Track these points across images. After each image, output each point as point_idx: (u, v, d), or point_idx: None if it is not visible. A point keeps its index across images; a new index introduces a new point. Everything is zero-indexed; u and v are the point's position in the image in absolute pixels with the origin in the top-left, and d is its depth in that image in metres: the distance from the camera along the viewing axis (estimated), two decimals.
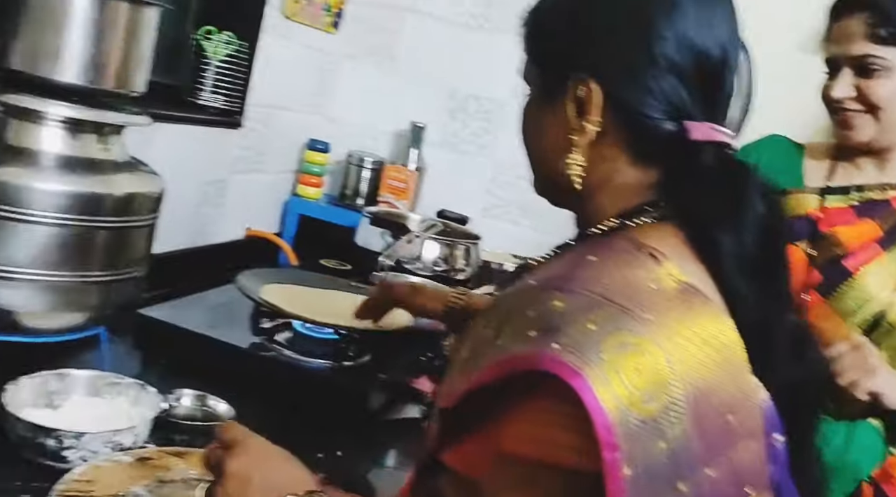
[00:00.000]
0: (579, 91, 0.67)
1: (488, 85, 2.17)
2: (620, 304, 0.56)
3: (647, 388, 0.53)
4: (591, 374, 0.52)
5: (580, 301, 0.56)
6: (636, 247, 0.62)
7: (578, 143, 0.68)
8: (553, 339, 0.54)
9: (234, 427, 0.73)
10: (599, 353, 0.53)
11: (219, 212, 1.87)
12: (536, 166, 0.75)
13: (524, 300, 0.60)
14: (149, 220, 1.08)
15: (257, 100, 1.87)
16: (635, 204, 0.68)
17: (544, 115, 0.71)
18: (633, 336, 0.55)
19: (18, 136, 0.97)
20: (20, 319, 0.97)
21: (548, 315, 0.56)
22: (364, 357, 1.35)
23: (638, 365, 0.54)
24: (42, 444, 0.89)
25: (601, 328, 0.54)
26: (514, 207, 2.19)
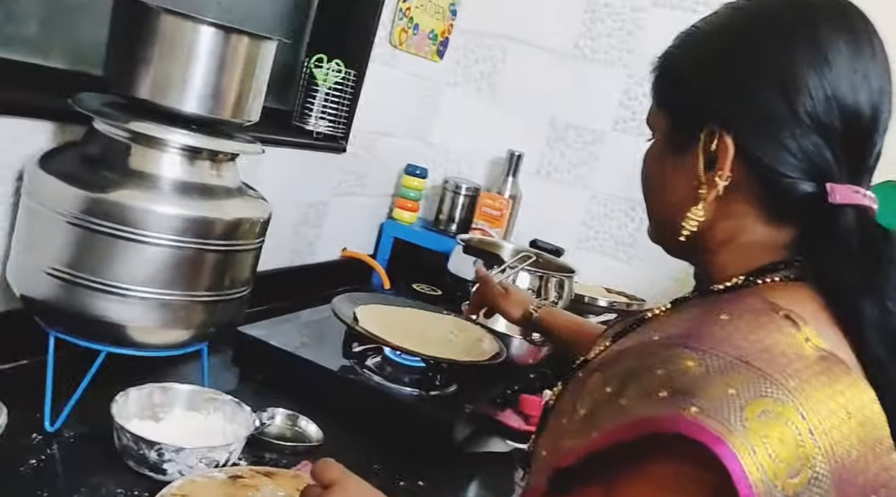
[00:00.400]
0: (711, 143, 0.64)
1: (588, 115, 2.15)
2: (759, 368, 0.53)
3: (791, 461, 0.51)
4: (735, 441, 0.49)
5: (715, 362, 0.54)
6: (772, 308, 0.59)
7: (705, 196, 0.65)
8: (689, 402, 0.52)
9: (331, 466, 0.72)
10: (743, 420, 0.50)
11: (317, 233, 1.92)
12: (654, 215, 0.73)
13: (650, 358, 0.57)
14: (256, 244, 1.12)
15: (361, 125, 1.92)
16: (764, 262, 0.65)
17: (669, 164, 0.69)
18: (776, 404, 0.52)
19: (140, 161, 1.02)
20: (131, 334, 1.02)
21: (679, 375, 0.54)
22: (451, 387, 1.35)
23: (782, 435, 0.51)
24: (144, 455, 0.93)
25: (741, 393, 0.52)
26: (609, 240, 2.16)
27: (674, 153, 0.68)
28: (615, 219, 2.15)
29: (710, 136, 0.65)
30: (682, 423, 0.51)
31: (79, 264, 0.98)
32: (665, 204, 0.70)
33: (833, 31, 0.62)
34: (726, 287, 0.65)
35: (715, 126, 0.64)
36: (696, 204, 0.66)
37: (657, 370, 0.55)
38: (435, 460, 1.23)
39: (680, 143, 0.68)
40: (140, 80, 1.02)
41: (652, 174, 0.72)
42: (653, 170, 0.72)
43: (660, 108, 0.71)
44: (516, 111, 2.23)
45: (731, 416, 0.50)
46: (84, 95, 1.07)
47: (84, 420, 1.04)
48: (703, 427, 0.50)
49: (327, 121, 1.79)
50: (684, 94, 0.68)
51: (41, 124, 1.11)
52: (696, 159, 0.66)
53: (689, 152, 0.66)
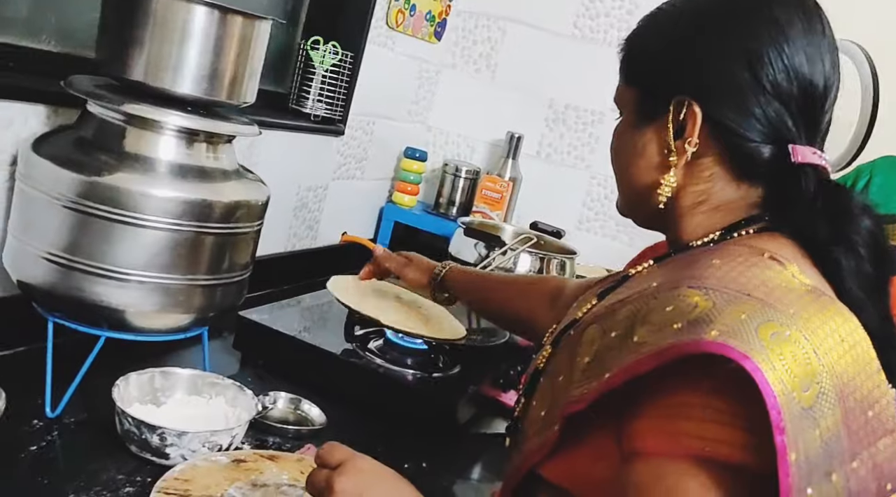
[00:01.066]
0: (680, 113, 0.69)
1: (588, 96, 2.13)
2: (761, 298, 0.57)
3: (802, 376, 0.54)
4: (758, 357, 0.52)
5: (720, 297, 0.57)
6: (757, 252, 0.63)
7: (675, 163, 0.70)
8: (708, 327, 0.54)
9: (338, 448, 0.71)
10: (760, 340, 0.53)
11: (316, 217, 1.91)
12: (626, 187, 0.76)
13: (655, 300, 0.60)
14: (255, 227, 1.11)
15: (359, 108, 1.90)
16: (739, 218, 0.69)
17: (639, 137, 0.73)
18: (782, 327, 0.55)
19: (136, 144, 1.01)
20: (130, 318, 1.01)
21: (690, 309, 0.56)
22: (454, 369, 1.35)
23: (793, 353, 0.54)
24: (147, 440, 0.93)
25: (751, 318, 0.55)
26: (610, 221, 2.15)
27: (643, 126, 0.72)
28: (615, 199, 2.13)
29: (678, 106, 0.69)
30: (707, 344, 0.53)
31: (76, 249, 0.97)
32: (637, 175, 0.73)
33: (788, 10, 0.68)
34: (704, 242, 0.70)
35: (684, 96, 0.68)
36: (668, 171, 0.70)
37: (666, 307, 0.58)
38: (438, 442, 1.22)
39: (649, 115, 0.71)
40: (133, 62, 1.00)
41: (623, 148, 0.75)
42: (623, 143, 0.75)
43: (628, 84, 0.75)
44: (515, 92, 2.21)
45: (748, 337, 0.53)
46: (77, 78, 1.05)
47: (85, 406, 1.03)
48: (728, 346, 0.52)
49: (325, 104, 1.77)
50: (654, 69, 0.72)
51: (34, 108, 1.09)
52: (666, 129, 0.70)
53: (659, 123, 0.71)
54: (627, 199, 0.78)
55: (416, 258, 1.30)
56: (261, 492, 0.88)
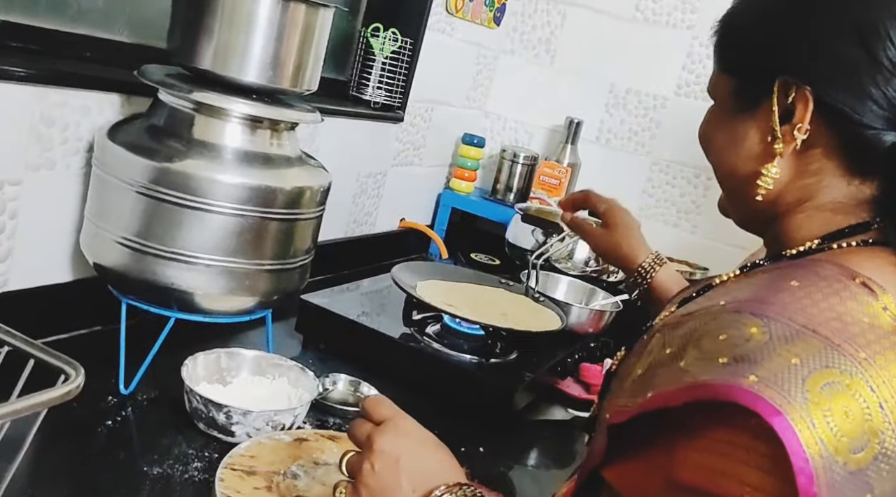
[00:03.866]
0: (788, 96, 0.62)
1: (649, 80, 2.09)
2: (827, 337, 0.51)
3: (856, 436, 0.48)
4: (794, 414, 0.47)
5: (781, 330, 0.52)
6: (847, 275, 0.56)
7: (781, 151, 0.63)
8: (749, 371, 0.49)
9: (384, 403, 0.71)
10: (805, 392, 0.48)
11: (375, 203, 1.93)
12: (727, 179, 0.70)
13: (712, 322, 0.56)
14: (317, 213, 1.13)
15: (418, 95, 1.91)
16: (843, 224, 0.62)
17: (739, 124, 0.66)
18: (842, 375, 0.49)
19: (204, 131, 1.04)
20: (198, 300, 1.05)
21: (742, 342, 0.52)
22: (511, 355, 1.35)
23: (847, 408, 0.48)
24: (214, 418, 0.96)
25: (806, 363, 0.49)
26: (672, 208, 2.11)
27: (742, 112, 0.66)
28: (678, 186, 2.09)
29: (784, 87, 0.62)
30: (738, 392, 0.49)
31: (147, 233, 1.01)
32: (736, 164, 0.67)
33: None
34: (799, 252, 0.63)
35: (791, 78, 0.61)
36: (772, 161, 0.64)
37: (720, 335, 0.53)
38: (495, 427, 1.23)
39: (749, 100, 0.65)
40: (202, 51, 1.03)
41: (719, 139, 0.69)
42: (719, 134, 0.69)
43: (723, 71, 0.69)
44: (575, 77, 2.19)
45: (791, 388, 0.48)
46: (148, 67, 1.09)
47: (156, 384, 1.07)
48: (760, 397, 0.48)
49: (384, 91, 1.79)
50: (753, 50, 0.65)
51: (108, 97, 1.13)
52: (770, 113, 0.63)
53: (761, 107, 0.64)
54: (727, 192, 0.72)
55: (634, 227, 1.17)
56: (322, 470, 0.91)
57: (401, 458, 0.66)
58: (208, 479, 0.90)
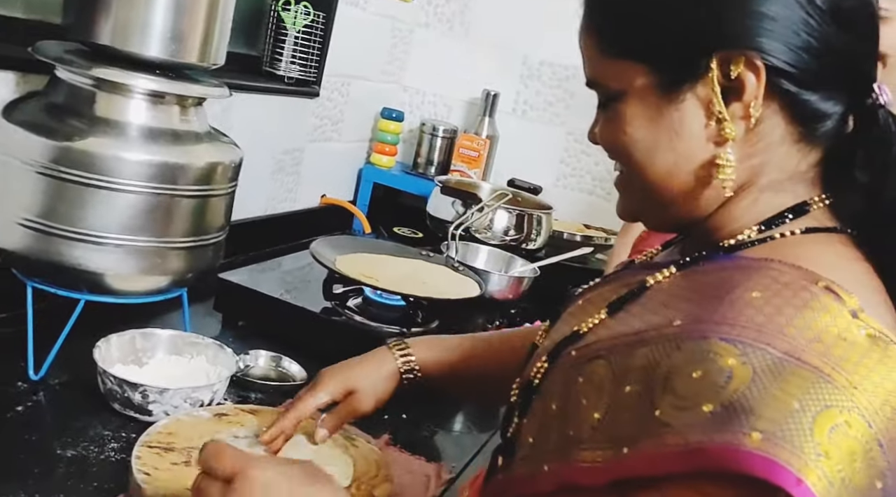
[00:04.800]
0: (730, 69, 0.54)
1: (562, 52, 2.13)
2: (817, 367, 0.45)
3: (864, 486, 0.43)
4: (813, 477, 0.41)
5: (761, 360, 0.45)
6: (808, 278, 0.50)
7: (734, 133, 0.55)
8: (749, 424, 0.43)
9: (226, 453, 0.57)
10: (816, 445, 0.42)
11: (294, 180, 1.92)
12: (657, 186, 0.59)
13: (678, 354, 0.48)
14: (229, 189, 1.12)
15: (333, 69, 1.90)
16: (781, 206, 0.56)
17: (666, 117, 0.56)
18: (842, 413, 0.43)
19: (106, 109, 1.02)
20: (109, 281, 1.03)
21: (723, 381, 0.45)
22: (432, 324, 1.38)
23: (852, 452, 0.43)
24: (129, 398, 0.95)
25: (806, 406, 0.43)
26: (587, 176, 2.17)
27: (669, 100, 0.56)
28: (592, 155, 2.15)
29: (724, 62, 0.54)
30: (746, 457, 0.42)
31: (52, 214, 0.98)
32: (678, 163, 0.57)
33: None
34: (738, 242, 0.56)
35: (730, 49, 0.54)
36: (722, 147, 0.55)
37: (692, 372, 0.46)
38: (418, 394, 1.25)
39: (677, 84, 0.56)
40: (101, 26, 1.00)
41: (643, 139, 0.58)
42: (643, 130, 0.58)
43: (624, 57, 0.58)
44: (490, 50, 2.21)
45: (803, 442, 0.42)
46: (44, 43, 1.05)
47: (67, 368, 1.05)
48: (774, 462, 0.41)
49: (298, 66, 1.77)
50: (674, 27, 0.56)
51: (2, 75, 1.09)
52: (708, 94, 0.55)
53: (695, 90, 0.55)
54: (656, 198, 0.60)
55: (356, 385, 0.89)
56: (243, 442, 0.91)
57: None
58: (125, 458, 0.90)
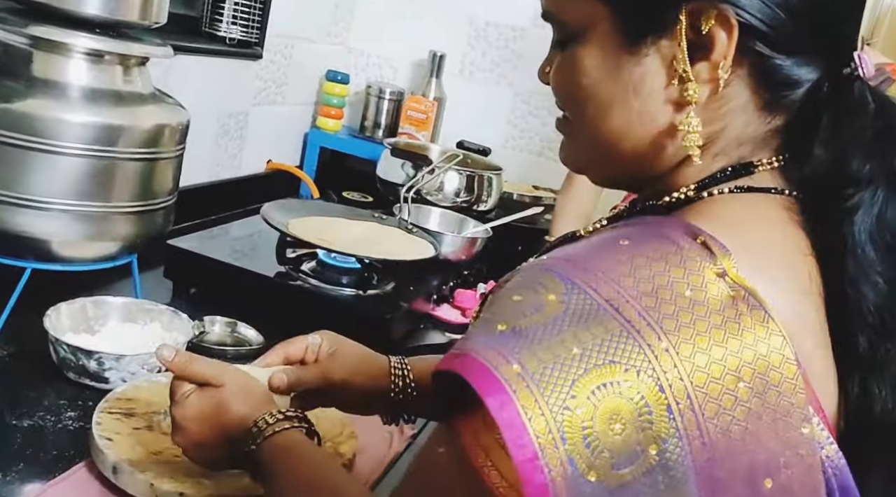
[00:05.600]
0: (700, 24, 0.50)
1: (507, 12, 2.13)
2: (629, 319, 0.43)
3: (623, 448, 0.41)
4: (542, 429, 0.41)
5: (580, 303, 0.44)
6: (689, 232, 0.48)
7: (697, 96, 0.50)
8: (516, 353, 0.43)
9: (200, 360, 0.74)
10: (568, 399, 0.42)
11: (239, 145, 1.88)
12: (606, 141, 0.55)
13: (518, 278, 0.49)
14: (177, 152, 1.09)
15: (276, 31, 1.85)
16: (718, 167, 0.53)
17: (624, 68, 0.52)
18: (627, 371, 0.42)
19: (45, 69, 0.98)
20: (55, 248, 1.00)
21: (531, 311, 0.44)
22: (387, 285, 1.38)
23: (616, 413, 0.42)
24: (84, 366, 0.93)
25: (587, 355, 0.42)
26: (535, 138, 2.18)
27: (631, 51, 0.52)
28: (539, 117, 2.17)
29: (695, 15, 0.50)
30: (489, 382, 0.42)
31: None
32: (632, 121, 0.53)
33: None
34: (669, 202, 0.54)
35: (702, 1, 0.49)
36: (683, 110, 0.52)
37: (514, 295, 0.46)
38: None
39: (641, 34, 0.51)
40: None
41: (598, 85, 0.54)
42: (598, 79, 0.53)
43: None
44: (435, 11, 2.19)
45: (554, 392, 0.41)
46: None
47: (15, 340, 1.02)
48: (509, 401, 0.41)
49: (239, 26, 1.72)
50: None
51: None
52: (676, 50, 0.50)
53: (658, 44, 0.51)
54: (603, 153, 0.57)
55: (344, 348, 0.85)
56: None
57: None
58: (84, 426, 0.88)
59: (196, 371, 0.72)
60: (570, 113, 0.58)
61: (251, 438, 0.68)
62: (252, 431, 0.68)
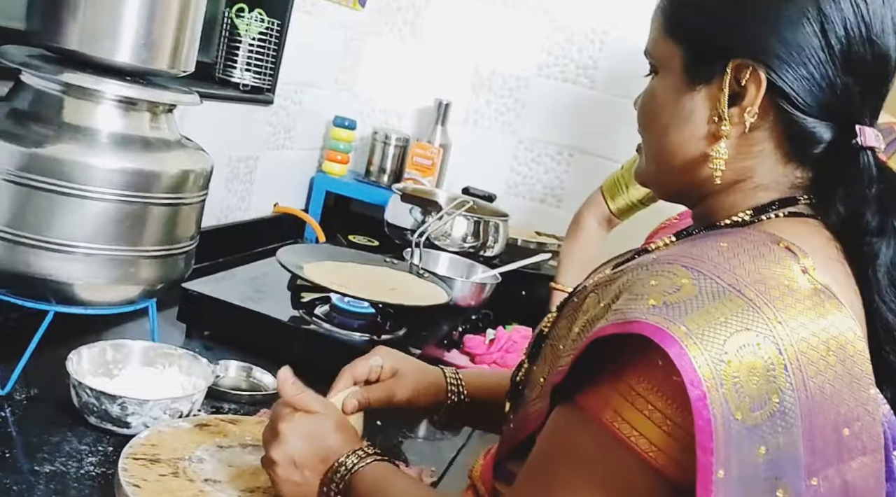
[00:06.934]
0: (741, 77, 0.62)
1: (512, 62, 2.18)
2: (751, 299, 0.54)
3: (757, 395, 0.52)
4: (707, 374, 0.51)
5: (708, 285, 0.55)
6: (773, 240, 0.60)
7: (727, 134, 0.63)
8: (680, 320, 0.52)
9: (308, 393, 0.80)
10: (724, 354, 0.52)
11: (248, 188, 1.90)
12: (664, 155, 0.69)
13: (645, 271, 0.58)
14: (200, 197, 1.11)
15: (287, 77, 1.89)
16: (772, 199, 0.65)
17: (686, 101, 0.66)
18: (757, 336, 0.53)
19: (75, 115, 0.99)
20: (78, 292, 1.00)
21: (672, 290, 0.55)
22: (400, 331, 1.38)
23: (753, 367, 0.52)
24: (107, 410, 0.93)
25: (729, 324, 0.53)
26: (538, 185, 2.21)
27: (690, 87, 0.65)
28: (542, 164, 2.20)
29: (738, 69, 0.62)
30: (665, 338, 0.52)
31: (20, 222, 0.95)
32: (681, 144, 0.67)
33: None
34: (732, 222, 0.65)
35: (747, 59, 0.62)
36: (717, 142, 0.64)
37: (651, 281, 0.56)
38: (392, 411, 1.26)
39: (699, 76, 0.65)
40: (68, 30, 0.98)
41: (663, 111, 0.67)
42: (664, 105, 0.67)
43: (672, 37, 0.67)
44: (441, 59, 2.24)
45: (713, 348, 0.52)
46: (8, 48, 1.02)
47: (33, 382, 1.02)
48: (684, 352, 0.51)
49: (252, 73, 1.75)
50: (712, 24, 0.65)
51: None
52: (718, 93, 0.63)
53: (710, 86, 0.64)
54: (661, 167, 0.70)
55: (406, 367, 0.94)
56: (227, 452, 0.90)
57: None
58: (106, 472, 0.88)
59: (306, 399, 0.80)
60: (642, 132, 0.71)
61: (344, 471, 0.75)
62: (344, 465, 0.75)
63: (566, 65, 2.12)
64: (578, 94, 2.12)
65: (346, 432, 0.80)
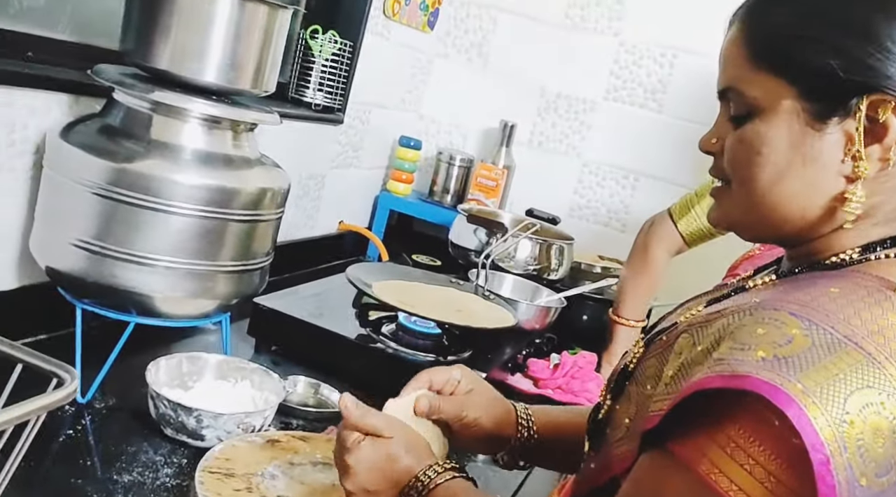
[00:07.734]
0: (879, 111, 0.58)
1: (578, 85, 2.17)
2: (871, 353, 0.51)
3: (883, 459, 0.49)
4: (831, 437, 0.48)
5: (822, 337, 0.51)
6: (887, 286, 0.57)
7: (864, 173, 0.58)
8: (794, 377, 0.49)
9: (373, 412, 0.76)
10: (845, 414, 0.49)
11: (315, 205, 1.92)
12: (767, 204, 0.63)
13: (749, 317, 0.54)
14: (277, 214, 1.13)
15: (356, 97, 1.92)
16: (883, 235, 0.61)
17: (806, 143, 0.60)
18: (880, 394, 0.50)
19: (162, 132, 1.02)
20: (158, 304, 1.03)
21: (783, 341, 0.51)
22: (465, 352, 1.38)
23: (878, 429, 0.49)
24: (183, 422, 0.94)
25: (848, 380, 0.50)
26: (602, 208, 2.19)
27: (815, 128, 0.59)
28: (607, 187, 2.18)
29: (875, 104, 0.58)
30: (783, 398, 0.48)
31: (105, 235, 0.99)
32: (796, 188, 0.61)
33: None
34: (839, 261, 0.61)
35: (887, 93, 0.57)
36: (853, 183, 0.59)
37: (757, 329, 0.53)
38: None
39: (825, 115, 0.59)
40: (159, 51, 1.01)
41: (773, 156, 0.61)
42: (776, 150, 0.61)
43: (777, 74, 0.60)
44: (507, 81, 2.24)
45: (833, 408, 0.48)
46: (103, 67, 1.06)
47: (111, 391, 1.04)
48: (804, 413, 0.48)
49: (324, 93, 1.79)
50: (836, 58, 0.58)
51: (56, 97, 1.10)
52: (850, 130, 0.58)
53: (842, 124, 0.59)
54: (761, 215, 0.64)
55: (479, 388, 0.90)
56: (299, 470, 0.91)
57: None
58: (181, 484, 0.89)
59: (370, 423, 0.75)
60: (740, 179, 0.64)
61: (421, 487, 0.72)
62: (421, 481, 0.73)
63: (634, 89, 2.11)
64: (645, 118, 2.10)
65: (416, 450, 0.76)
